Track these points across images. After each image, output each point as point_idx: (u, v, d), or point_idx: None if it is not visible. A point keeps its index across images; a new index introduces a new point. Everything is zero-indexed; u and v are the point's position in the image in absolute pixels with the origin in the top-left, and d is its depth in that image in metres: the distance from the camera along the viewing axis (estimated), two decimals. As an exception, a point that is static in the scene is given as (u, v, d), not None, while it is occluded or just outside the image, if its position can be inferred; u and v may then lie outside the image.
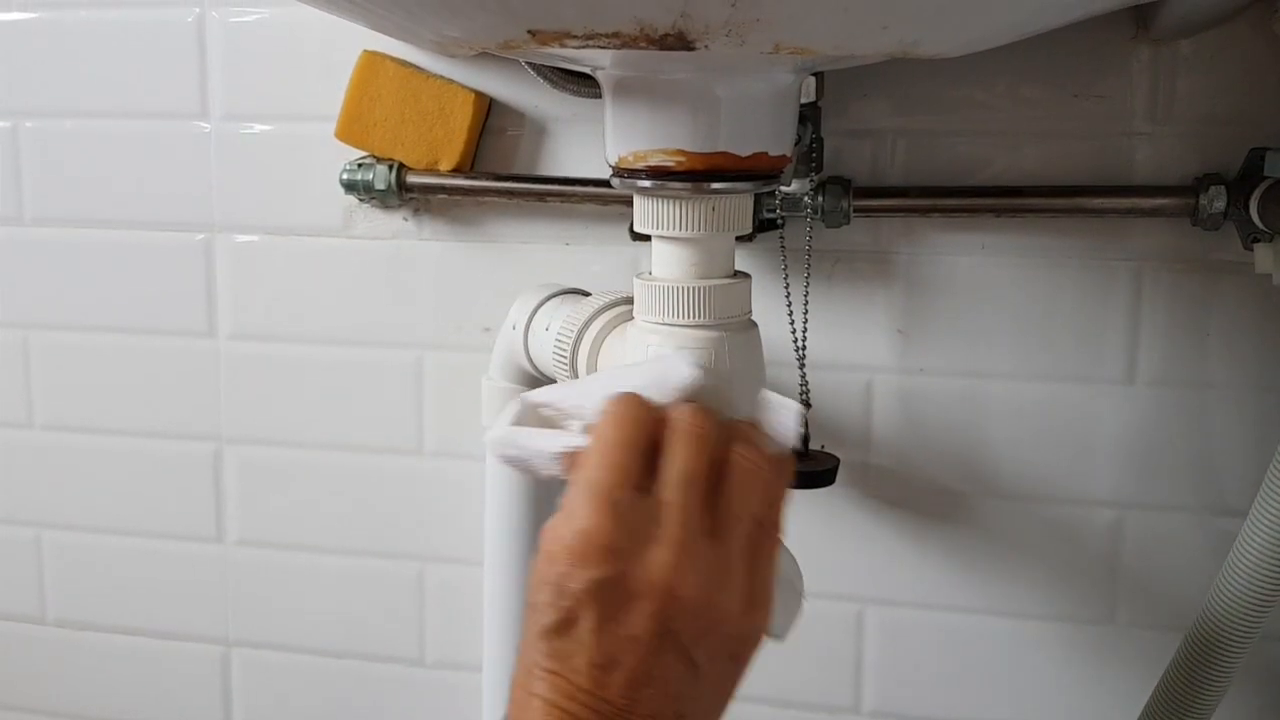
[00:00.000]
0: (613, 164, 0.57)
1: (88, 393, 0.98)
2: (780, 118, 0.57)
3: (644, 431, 0.46)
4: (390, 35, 0.63)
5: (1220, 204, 0.74)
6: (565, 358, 0.69)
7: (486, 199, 0.86)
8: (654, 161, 0.55)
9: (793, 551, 0.86)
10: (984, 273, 0.82)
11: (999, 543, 0.84)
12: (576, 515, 0.44)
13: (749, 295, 0.59)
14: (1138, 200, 0.76)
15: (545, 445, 0.49)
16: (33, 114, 0.95)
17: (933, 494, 0.85)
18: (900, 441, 0.84)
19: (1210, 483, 0.81)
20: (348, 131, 0.86)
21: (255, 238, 0.93)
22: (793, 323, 0.78)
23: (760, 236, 0.81)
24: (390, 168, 0.86)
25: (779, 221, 0.79)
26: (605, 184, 0.72)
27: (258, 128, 0.91)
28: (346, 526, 0.95)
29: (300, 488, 0.95)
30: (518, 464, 0.50)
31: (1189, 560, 0.82)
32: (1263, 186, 0.72)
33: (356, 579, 0.96)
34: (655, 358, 0.55)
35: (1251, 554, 0.68)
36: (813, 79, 0.73)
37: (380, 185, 0.86)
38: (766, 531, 0.48)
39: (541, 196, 0.84)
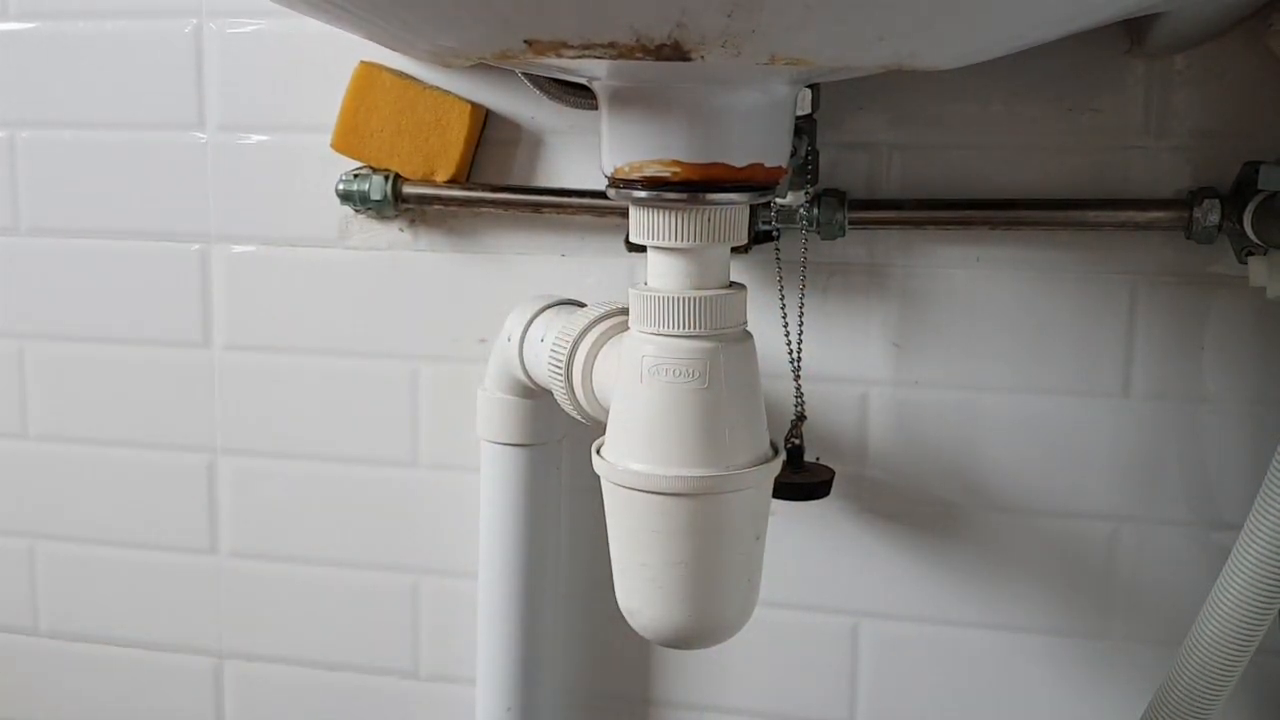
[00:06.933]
0: (609, 175, 0.57)
1: (82, 403, 0.98)
2: (776, 129, 0.57)
3: None
4: (386, 46, 0.63)
5: (1214, 217, 0.74)
6: (560, 369, 0.69)
7: (482, 210, 0.86)
8: (650, 172, 0.55)
9: (788, 564, 0.86)
10: (979, 286, 0.82)
11: (994, 556, 0.84)
12: None
13: (744, 306, 0.59)
14: (1132, 213, 0.76)
15: None
16: (29, 124, 0.95)
17: (928, 507, 0.85)
18: (896, 454, 0.84)
19: (1205, 496, 0.81)
20: (344, 142, 0.86)
21: (251, 248, 0.93)
22: (788, 334, 0.78)
23: (756, 248, 0.81)
24: (386, 178, 0.86)
25: (774, 233, 0.79)
26: (601, 195, 0.73)
27: (254, 138, 0.91)
28: (341, 538, 0.95)
29: (294, 499, 0.95)
30: None
31: (1184, 574, 0.82)
32: (1256, 200, 0.72)
33: (351, 591, 0.95)
34: None
35: (1246, 567, 0.68)
36: (809, 91, 0.73)
37: (376, 196, 0.86)
38: None
39: (537, 208, 0.84)
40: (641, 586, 0.59)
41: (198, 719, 1.00)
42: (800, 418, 0.77)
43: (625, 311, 0.67)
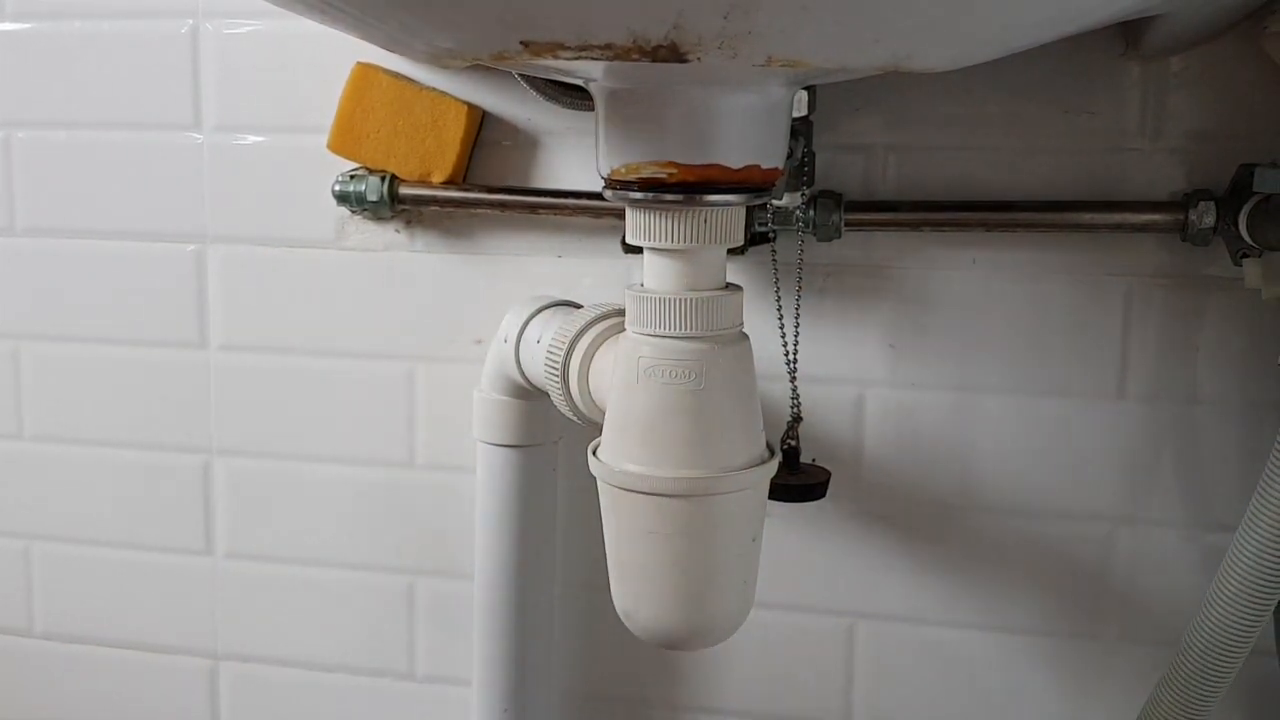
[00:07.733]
0: (605, 176, 0.57)
1: (78, 404, 0.98)
2: (772, 131, 0.57)
3: None
4: (383, 46, 0.63)
5: (1209, 219, 0.75)
6: (557, 370, 0.69)
7: (479, 211, 0.86)
8: (646, 174, 0.55)
9: (784, 565, 0.87)
10: (975, 287, 0.82)
11: (989, 557, 0.84)
12: None
13: (740, 308, 0.59)
14: (1128, 215, 0.76)
15: None
16: (25, 124, 0.95)
17: (923, 508, 0.85)
18: (891, 455, 0.85)
19: (1200, 497, 0.81)
20: (340, 143, 0.86)
21: (247, 249, 0.93)
22: (784, 336, 0.78)
23: (752, 250, 0.81)
24: (382, 179, 0.86)
25: (770, 235, 0.79)
26: (597, 196, 0.73)
27: (250, 139, 0.91)
28: (337, 539, 0.95)
29: (291, 500, 0.95)
30: None
31: (1179, 575, 0.82)
32: (1251, 202, 0.73)
33: (347, 592, 0.95)
34: None
35: (1241, 568, 0.68)
36: (805, 93, 0.73)
37: (372, 197, 0.86)
38: None
39: (533, 209, 0.84)
40: (637, 588, 0.59)
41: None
42: (796, 419, 0.77)
43: (621, 313, 0.67)
